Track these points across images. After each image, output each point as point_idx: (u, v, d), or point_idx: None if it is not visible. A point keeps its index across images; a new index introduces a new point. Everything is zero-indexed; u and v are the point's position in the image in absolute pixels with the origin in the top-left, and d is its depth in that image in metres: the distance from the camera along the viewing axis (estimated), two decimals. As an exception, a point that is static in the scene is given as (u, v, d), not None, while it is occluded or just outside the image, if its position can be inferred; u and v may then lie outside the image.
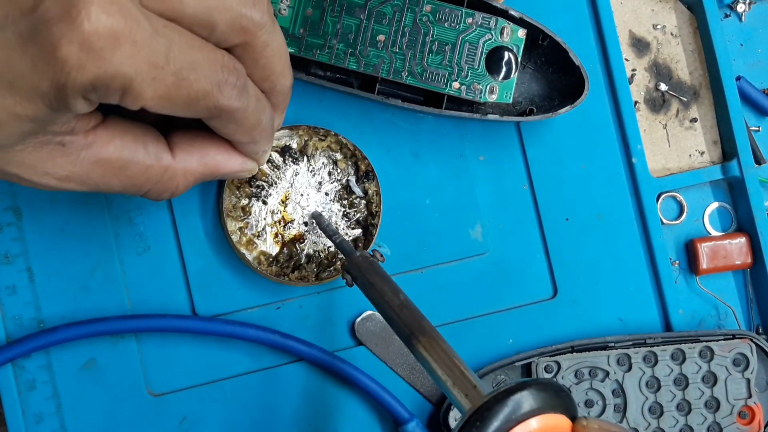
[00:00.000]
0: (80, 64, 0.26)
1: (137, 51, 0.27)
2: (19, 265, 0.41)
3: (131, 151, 0.32)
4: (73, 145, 0.30)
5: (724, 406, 0.42)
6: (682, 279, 0.44)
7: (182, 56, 0.28)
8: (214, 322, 0.40)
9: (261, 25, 0.31)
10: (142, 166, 0.32)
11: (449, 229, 0.42)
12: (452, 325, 0.42)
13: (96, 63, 0.26)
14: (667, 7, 0.45)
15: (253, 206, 0.41)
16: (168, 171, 0.33)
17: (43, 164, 0.30)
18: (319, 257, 0.41)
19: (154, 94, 0.28)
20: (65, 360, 0.41)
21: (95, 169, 0.31)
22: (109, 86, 0.27)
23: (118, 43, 0.27)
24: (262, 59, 0.32)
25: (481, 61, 0.40)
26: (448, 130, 0.43)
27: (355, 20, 0.39)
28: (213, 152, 0.34)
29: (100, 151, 0.31)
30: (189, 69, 0.29)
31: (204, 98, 0.30)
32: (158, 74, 0.28)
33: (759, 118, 0.45)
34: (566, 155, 0.43)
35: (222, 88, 0.30)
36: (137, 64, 0.27)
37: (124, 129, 0.32)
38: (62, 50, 0.26)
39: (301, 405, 0.42)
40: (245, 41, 0.31)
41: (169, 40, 0.28)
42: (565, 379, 0.41)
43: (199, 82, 0.29)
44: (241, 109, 0.31)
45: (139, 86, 0.28)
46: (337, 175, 0.41)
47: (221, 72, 0.30)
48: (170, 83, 0.28)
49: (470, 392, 0.30)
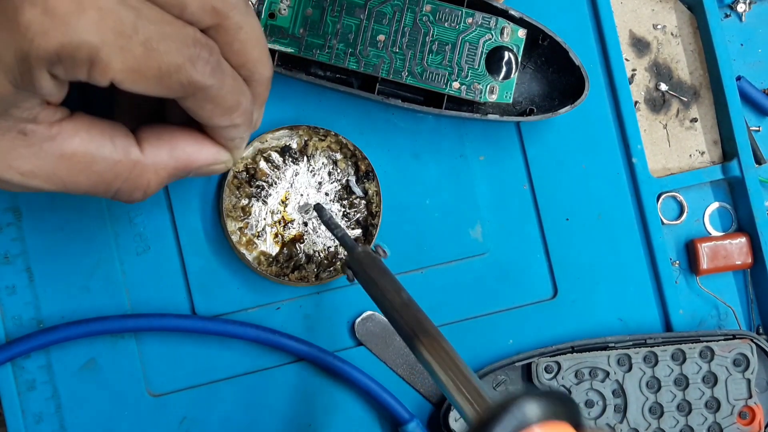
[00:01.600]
0: (43, 30, 0.26)
1: (103, 17, 0.26)
2: (18, 265, 0.41)
3: (97, 145, 0.31)
4: (35, 134, 0.30)
5: (725, 406, 0.42)
6: (682, 279, 0.44)
7: (151, 27, 0.28)
8: (214, 321, 0.40)
9: (232, 5, 0.30)
10: (110, 161, 0.31)
11: (449, 229, 0.42)
12: (452, 325, 0.42)
13: (60, 29, 0.26)
14: (667, 7, 0.45)
15: (253, 206, 0.40)
16: (137, 166, 0.32)
17: (5, 154, 0.29)
18: (319, 257, 0.41)
19: (123, 65, 0.27)
20: (65, 360, 0.41)
21: (60, 164, 0.30)
22: (75, 56, 0.27)
23: (83, 9, 0.26)
24: (236, 43, 0.31)
25: (481, 61, 0.40)
26: (448, 130, 0.43)
27: (355, 20, 0.39)
28: (183, 143, 0.33)
29: (64, 144, 0.30)
30: (158, 39, 0.28)
31: (176, 73, 0.29)
32: (126, 43, 0.27)
33: (759, 118, 0.45)
34: (566, 155, 0.43)
35: (194, 63, 0.29)
36: (103, 31, 0.27)
37: (91, 123, 0.31)
38: (25, 14, 0.26)
39: (301, 405, 0.42)
40: (217, 23, 0.30)
41: (136, 11, 0.27)
42: (565, 379, 0.41)
43: (170, 54, 0.28)
44: (216, 86, 0.30)
45: (107, 56, 0.27)
46: (337, 175, 0.41)
47: (193, 46, 0.29)
48: (139, 54, 0.28)
49: (475, 399, 0.30)
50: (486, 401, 0.29)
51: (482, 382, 0.31)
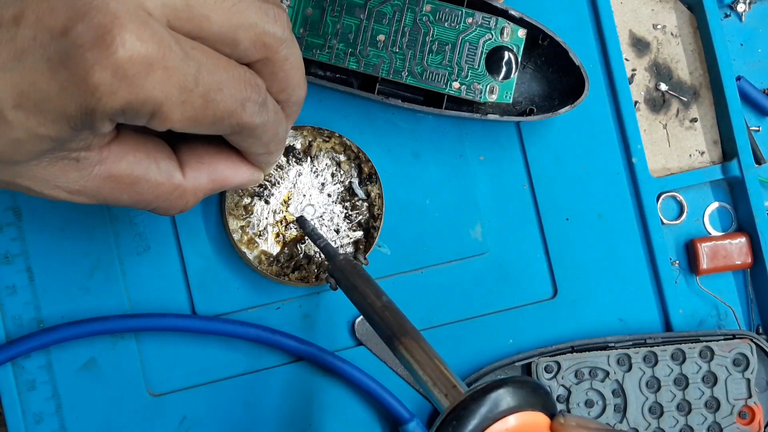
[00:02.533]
0: (112, 91, 0.26)
1: (169, 76, 0.27)
2: (18, 265, 0.41)
3: (143, 168, 0.31)
4: (87, 161, 0.30)
5: (724, 406, 0.42)
6: (682, 279, 0.44)
7: (210, 77, 0.28)
8: (215, 321, 0.40)
9: (282, 40, 0.31)
10: (153, 183, 0.32)
11: (449, 229, 0.42)
12: (452, 325, 0.42)
13: (128, 89, 0.26)
14: (667, 7, 0.45)
15: (256, 205, 0.41)
16: (178, 189, 0.33)
17: (56, 179, 0.30)
18: (320, 258, 0.41)
19: (182, 116, 0.28)
20: (65, 360, 0.41)
21: (107, 184, 0.31)
22: (139, 111, 0.27)
23: (152, 70, 0.26)
24: (281, 73, 0.32)
25: (481, 61, 0.40)
26: (448, 130, 0.43)
27: (355, 20, 0.39)
28: (222, 167, 0.34)
29: (112, 167, 0.31)
30: (216, 90, 0.29)
31: (228, 117, 0.30)
32: (188, 97, 0.28)
33: (759, 118, 0.45)
34: (566, 155, 0.43)
35: (245, 106, 0.30)
36: (168, 88, 0.27)
37: (137, 145, 0.31)
38: (95, 77, 0.26)
39: (300, 405, 0.42)
40: (266, 56, 0.31)
41: (198, 63, 0.28)
42: (565, 379, 0.41)
43: (226, 102, 0.29)
44: (261, 125, 0.31)
45: (169, 110, 0.27)
46: (340, 177, 0.41)
47: (245, 90, 0.30)
48: (198, 105, 0.28)
49: (450, 391, 0.30)
50: (461, 393, 0.29)
51: (460, 379, 0.31)
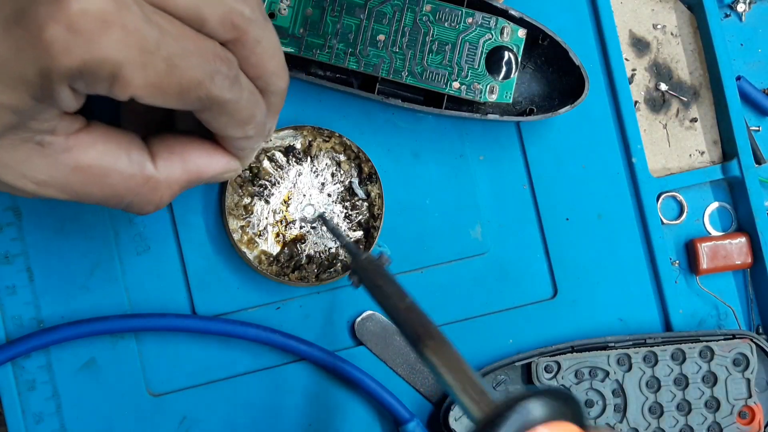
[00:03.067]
0: (67, 47, 0.26)
1: (127, 35, 0.26)
2: (18, 265, 0.41)
3: (113, 159, 0.31)
4: (52, 146, 0.29)
5: (724, 406, 0.42)
6: (682, 279, 0.44)
7: (174, 43, 0.28)
8: (215, 321, 0.40)
9: (251, 20, 0.30)
10: (124, 175, 0.31)
11: (449, 229, 0.42)
12: (452, 325, 0.42)
13: (84, 46, 0.26)
14: (667, 7, 0.45)
15: (256, 205, 0.41)
16: (151, 181, 0.32)
17: (21, 164, 0.29)
18: (320, 258, 0.41)
19: (144, 81, 0.27)
20: (65, 360, 0.41)
21: (75, 175, 0.30)
22: (97, 72, 0.26)
23: (108, 26, 0.26)
24: (253, 56, 0.31)
25: (481, 61, 0.40)
26: (448, 130, 0.43)
27: (355, 20, 0.39)
28: (194, 156, 0.33)
29: (80, 156, 0.30)
30: (180, 56, 0.28)
31: (196, 88, 0.29)
32: (149, 60, 0.27)
33: (759, 118, 0.45)
34: (566, 155, 0.43)
35: (214, 78, 0.29)
36: (127, 49, 0.26)
37: (108, 135, 0.31)
38: (48, 31, 0.25)
39: (301, 405, 0.42)
40: (236, 37, 0.30)
41: (160, 28, 0.27)
42: (564, 379, 0.41)
43: (191, 70, 0.28)
44: (233, 100, 0.30)
45: (129, 73, 0.27)
46: (340, 177, 0.41)
47: (213, 61, 0.29)
48: (161, 70, 0.27)
49: (480, 399, 0.30)
50: (492, 402, 0.29)
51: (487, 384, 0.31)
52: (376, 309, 0.42)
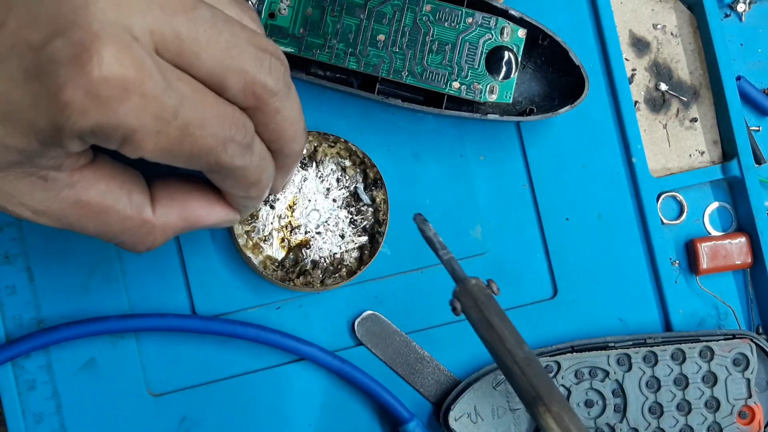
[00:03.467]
0: (83, 110, 0.25)
1: (145, 104, 0.26)
2: (18, 265, 0.41)
3: (114, 198, 0.30)
4: (56, 182, 0.29)
5: (724, 406, 0.42)
6: (682, 279, 0.44)
7: (192, 112, 0.27)
8: (215, 321, 0.40)
9: (274, 92, 0.30)
10: (122, 215, 0.31)
11: (449, 229, 0.42)
12: (452, 325, 0.42)
13: (100, 111, 0.25)
14: (667, 6, 0.45)
15: (261, 210, 0.40)
16: (146, 225, 0.31)
17: (21, 195, 0.29)
18: (325, 263, 0.41)
19: (155, 147, 0.27)
20: (65, 360, 0.41)
21: (73, 209, 0.30)
22: (110, 135, 0.26)
23: (127, 94, 0.25)
24: (271, 124, 0.30)
25: (481, 61, 0.40)
26: (448, 130, 0.43)
27: (355, 20, 0.39)
28: (195, 206, 0.33)
29: (82, 192, 0.30)
30: (196, 125, 0.27)
31: (206, 155, 0.28)
32: (163, 128, 0.27)
33: (759, 118, 0.45)
34: (566, 155, 0.43)
35: (227, 146, 0.29)
36: (143, 116, 0.26)
37: (112, 173, 0.30)
38: (66, 94, 0.25)
39: (301, 405, 0.42)
40: (256, 106, 0.30)
41: (180, 95, 0.27)
42: (564, 378, 0.41)
43: (206, 139, 0.28)
44: (242, 167, 0.30)
45: (142, 138, 0.26)
46: (345, 182, 0.41)
47: (229, 129, 0.29)
48: (174, 137, 0.27)
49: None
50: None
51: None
52: (377, 309, 0.42)
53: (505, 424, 0.42)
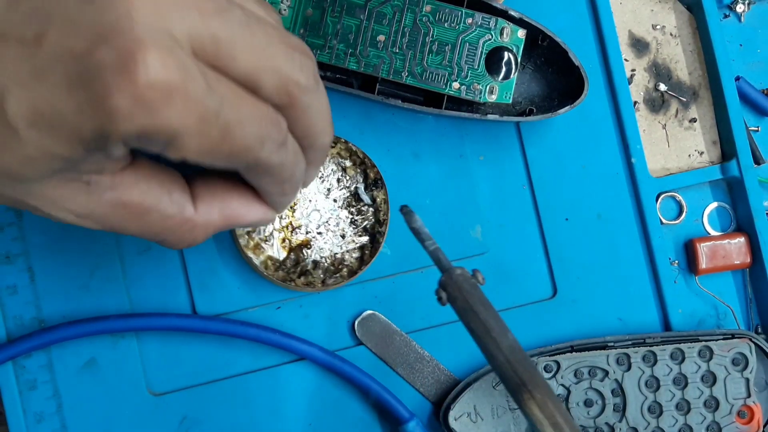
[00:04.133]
0: (130, 116, 0.25)
1: (189, 107, 0.26)
2: (19, 265, 0.41)
3: (155, 198, 0.31)
4: (98, 185, 0.29)
5: (723, 405, 0.42)
6: (681, 279, 0.44)
7: (231, 113, 0.28)
8: (215, 321, 0.40)
9: (306, 89, 0.30)
10: (164, 214, 0.31)
11: (449, 229, 0.42)
12: (452, 325, 0.42)
13: (146, 116, 0.26)
14: (666, 7, 0.45)
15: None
16: (188, 223, 0.32)
17: (65, 201, 0.29)
18: (326, 263, 0.41)
19: (198, 148, 0.27)
20: (66, 359, 0.41)
21: (116, 211, 0.30)
22: (155, 138, 0.26)
23: (172, 98, 0.26)
24: (303, 119, 0.31)
25: (480, 62, 0.40)
26: (448, 130, 0.43)
27: (355, 20, 0.39)
28: (235, 204, 0.33)
29: (124, 194, 0.30)
30: (236, 125, 0.28)
31: (245, 153, 0.29)
32: (206, 129, 0.27)
33: (758, 118, 0.45)
34: (566, 155, 0.43)
35: (264, 144, 0.29)
36: (187, 118, 0.26)
37: (151, 173, 0.31)
38: (114, 100, 0.25)
39: (301, 404, 0.42)
40: (288, 103, 0.30)
41: (220, 96, 0.27)
42: (564, 378, 0.42)
43: (245, 138, 0.28)
44: (278, 164, 0.30)
45: (185, 140, 0.27)
46: (346, 182, 0.41)
47: (266, 127, 0.29)
48: (215, 137, 0.27)
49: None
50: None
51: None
52: (377, 308, 0.42)
53: (504, 424, 0.42)
